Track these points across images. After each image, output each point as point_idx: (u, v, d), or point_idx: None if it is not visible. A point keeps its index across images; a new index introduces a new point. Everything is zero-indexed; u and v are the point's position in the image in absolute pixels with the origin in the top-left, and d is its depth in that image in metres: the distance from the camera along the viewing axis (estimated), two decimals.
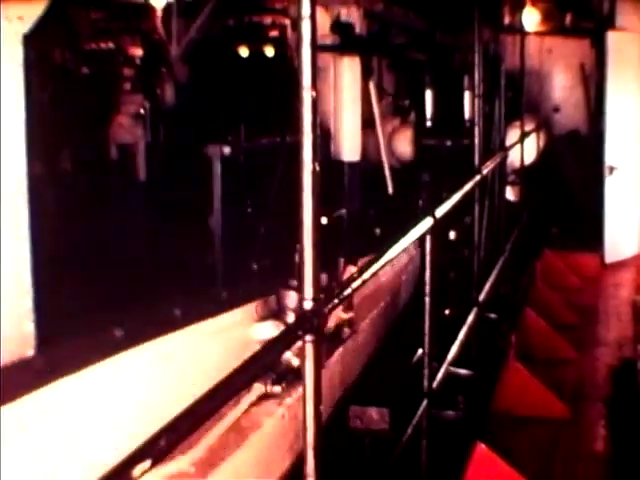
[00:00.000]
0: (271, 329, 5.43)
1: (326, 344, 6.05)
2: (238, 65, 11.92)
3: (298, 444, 5.02)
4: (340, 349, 6.53)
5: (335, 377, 6.35)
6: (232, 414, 4.74)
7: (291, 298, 5.56)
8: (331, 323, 6.36)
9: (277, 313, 5.67)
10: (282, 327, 5.36)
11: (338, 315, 6.52)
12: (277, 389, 5.16)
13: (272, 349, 3.40)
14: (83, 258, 8.47)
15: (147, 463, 2.25)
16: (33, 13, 4.00)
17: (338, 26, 9.72)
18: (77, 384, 3.75)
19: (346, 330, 6.73)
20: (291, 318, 5.49)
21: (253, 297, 5.61)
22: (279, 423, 5.05)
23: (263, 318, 5.59)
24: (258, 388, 5.03)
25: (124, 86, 12.01)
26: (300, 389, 4.93)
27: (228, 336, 5.17)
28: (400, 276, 8.95)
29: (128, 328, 4.18)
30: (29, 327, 3.94)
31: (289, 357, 5.16)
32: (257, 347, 5.21)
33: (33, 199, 3.88)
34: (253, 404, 5.02)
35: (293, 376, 5.16)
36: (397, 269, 8.80)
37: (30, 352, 3.92)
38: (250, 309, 5.54)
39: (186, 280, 7.64)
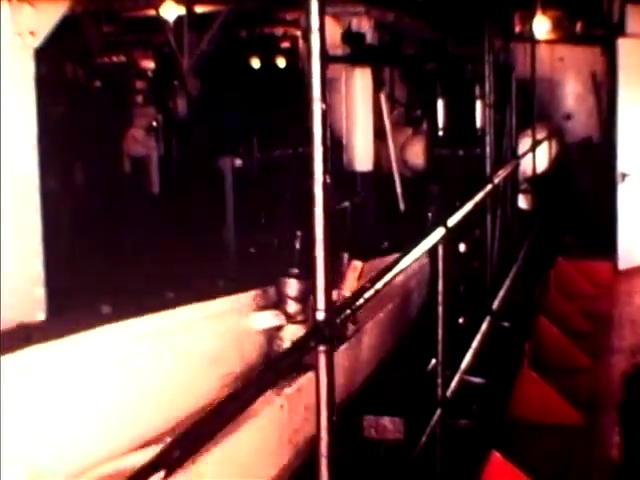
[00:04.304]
0: (270, 319, 5.28)
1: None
2: (250, 76, 11.95)
3: (297, 438, 4.96)
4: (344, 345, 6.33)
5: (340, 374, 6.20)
6: None
7: (291, 287, 5.42)
8: None
9: (277, 303, 5.51)
10: (282, 317, 5.26)
11: None
12: None
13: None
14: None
15: (161, 474, 2.27)
16: (44, 28, 4.04)
17: (349, 36, 9.76)
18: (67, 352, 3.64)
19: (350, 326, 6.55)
20: (291, 307, 5.37)
21: (251, 286, 5.43)
22: (277, 414, 4.84)
23: (262, 308, 5.43)
24: None
25: (137, 99, 12.05)
26: (300, 380, 4.93)
27: (224, 322, 4.97)
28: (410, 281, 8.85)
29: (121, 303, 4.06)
30: (39, 292, 3.94)
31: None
32: (256, 336, 5.16)
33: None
34: None
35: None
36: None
37: (40, 316, 3.91)
38: (249, 297, 5.37)
39: None
